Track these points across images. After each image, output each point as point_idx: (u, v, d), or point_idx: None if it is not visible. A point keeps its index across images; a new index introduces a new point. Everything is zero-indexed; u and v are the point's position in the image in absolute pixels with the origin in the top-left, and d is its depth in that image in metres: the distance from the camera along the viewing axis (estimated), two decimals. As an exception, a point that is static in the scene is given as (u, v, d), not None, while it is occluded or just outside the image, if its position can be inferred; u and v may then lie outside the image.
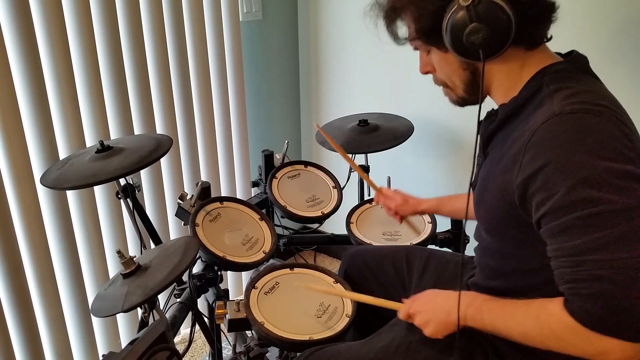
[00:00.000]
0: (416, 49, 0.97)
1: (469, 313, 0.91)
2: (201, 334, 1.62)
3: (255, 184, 1.78)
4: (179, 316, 1.31)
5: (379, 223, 1.58)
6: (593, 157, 0.74)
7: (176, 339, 1.64)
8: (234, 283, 2.22)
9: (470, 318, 0.90)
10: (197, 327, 1.42)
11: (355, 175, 1.87)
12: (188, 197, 1.43)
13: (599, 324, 0.75)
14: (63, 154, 1.52)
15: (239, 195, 2.15)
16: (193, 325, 1.35)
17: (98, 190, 1.64)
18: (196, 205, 1.38)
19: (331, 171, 1.68)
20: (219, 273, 1.39)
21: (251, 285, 1.22)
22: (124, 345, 0.91)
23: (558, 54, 0.92)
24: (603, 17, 1.61)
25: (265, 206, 1.65)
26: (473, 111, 0.92)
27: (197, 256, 1.29)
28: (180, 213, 1.41)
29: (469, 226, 1.03)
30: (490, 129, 0.94)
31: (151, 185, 1.79)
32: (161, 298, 1.59)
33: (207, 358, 1.86)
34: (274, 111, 2.32)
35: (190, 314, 1.37)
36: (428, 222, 1.57)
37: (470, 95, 0.94)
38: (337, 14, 2.18)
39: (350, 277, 1.31)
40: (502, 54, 0.85)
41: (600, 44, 1.63)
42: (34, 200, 1.46)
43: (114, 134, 1.65)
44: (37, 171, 1.45)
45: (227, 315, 1.15)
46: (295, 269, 1.29)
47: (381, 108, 2.02)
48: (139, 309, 1.13)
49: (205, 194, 1.44)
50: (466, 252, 1.08)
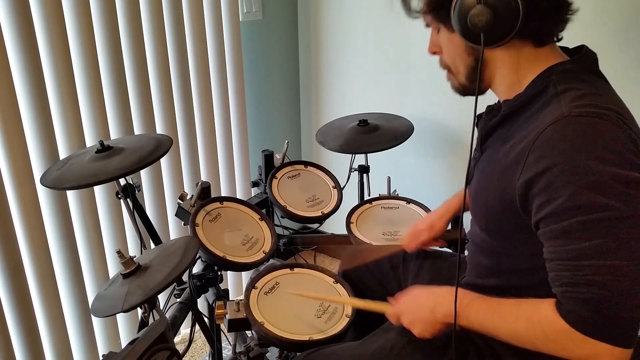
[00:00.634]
0: (428, 25, 0.95)
1: (451, 311, 0.89)
2: (201, 334, 1.62)
3: (255, 184, 1.78)
4: (179, 316, 1.31)
5: (379, 223, 1.58)
6: (600, 162, 0.74)
7: (176, 339, 1.64)
8: (234, 283, 2.22)
9: (458, 317, 0.89)
10: (197, 327, 1.42)
11: (355, 175, 1.87)
12: (188, 197, 1.43)
13: (591, 328, 0.75)
14: (63, 154, 1.52)
15: (239, 195, 2.15)
16: (193, 325, 1.35)
17: (98, 190, 1.64)
18: (196, 205, 1.38)
19: (331, 171, 1.68)
20: (219, 273, 1.39)
21: (251, 285, 1.22)
22: (124, 345, 0.91)
23: (566, 48, 0.91)
24: (608, 15, 1.61)
25: (265, 206, 1.65)
26: (471, 107, 0.90)
27: (197, 256, 1.29)
28: (180, 213, 1.41)
29: (468, 227, 1.03)
30: (491, 124, 0.93)
31: (151, 185, 1.79)
32: (161, 298, 1.59)
33: (207, 358, 1.86)
34: (274, 111, 2.32)
35: (190, 314, 1.37)
36: (428, 222, 1.56)
37: (471, 82, 0.93)
38: (337, 14, 2.18)
39: (349, 277, 1.31)
40: (508, 45, 0.84)
41: (605, 41, 1.63)
42: (34, 200, 1.46)
43: (114, 134, 1.65)
44: (37, 171, 1.45)
45: (227, 315, 1.15)
46: (295, 269, 1.29)
47: (381, 108, 2.02)
48: (139, 309, 1.13)
49: (205, 194, 1.44)
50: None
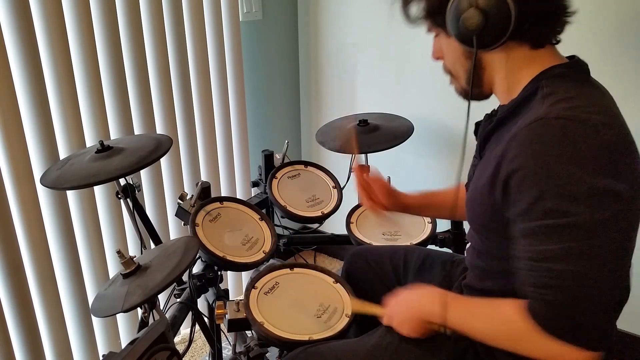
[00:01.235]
0: (429, 31, 0.96)
1: (435, 311, 0.92)
2: (201, 334, 1.62)
3: (255, 184, 1.78)
4: (179, 316, 1.31)
5: (379, 223, 1.58)
6: (570, 167, 0.74)
7: (176, 339, 1.64)
8: (234, 283, 2.22)
9: (438, 316, 0.91)
10: (197, 327, 1.42)
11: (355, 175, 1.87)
12: (188, 197, 1.43)
13: (553, 328, 0.77)
14: (63, 154, 1.52)
15: (239, 195, 2.15)
16: (193, 325, 1.35)
17: (98, 190, 1.64)
18: (196, 205, 1.38)
19: (331, 171, 1.69)
20: (219, 273, 1.39)
21: (251, 285, 1.22)
22: (124, 345, 0.91)
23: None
24: (604, 18, 1.62)
25: (265, 206, 1.65)
26: (474, 110, 0.91)
27: (197, 256, 1.29)
28: (180, 213, 1.41)
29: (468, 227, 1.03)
30: (487, 130, 0.94)
31: (151, 185, 1.79)
32: (161, 298, 1.59)
33: (207, 358, 1.86)
34: (274, 111, 2.32)
35: (190, 314, 1.37)
36: (428, 222, 1.57)
37: (472, 86, 0.93)
38: (337, 14, 2.18)
39: (352, 277, 1.31)
40: (504, 48, 0.84)
41: (602, 44, 1.64)
42: (34, 200, 1.46)
43: (114, 134, 1.65)
44: (37, 171, 1.45)
45: (227, 315, 1.15)
46: (295, 269, 1.29)
47: (381, 108, 2.02)
48: (139, 309, 1.13)
49: (205, 194, 1.44)
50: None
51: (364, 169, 1.28)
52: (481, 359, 0.95)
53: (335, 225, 1.83)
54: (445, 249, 1.54)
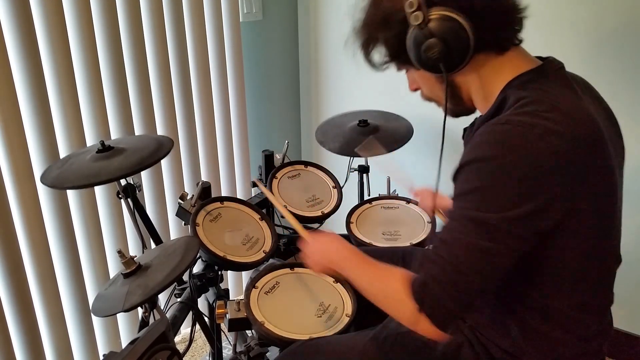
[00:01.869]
0: (399, 70, 0.99)
1: (336, 259, 1.04)
2: (201, 333, 1.62)
3: (255, 184, 1.78)
4: (180, 316, 1.31)
5: (379, 223, 1.58)
6: (500, 172, 0.77)
7: (177, 339, 1.65)
8: (234, 283, 2.22)
9: (336, 264, 1.04)
10: (198, 327, 1.42)
11: (355, 175, 1.87)
12: (188, 197, 1.43)
13: (416, 297, 0.83)
14: (63, 153, 1.52)
15: (239, 195, 2.15)
16: (193, 325, 1.36)
17: (98, 189, 1.64)
18: (197, 205, 1.39)
19: (331, 171, 1.69)
20: (219, 273, 1.39)
21: (251, 284, 1.22)
22: (124, 344, 0.91)
23: (539, 57, 0.92)
24: (602, 18, 1.62)
25: (265, 206, 1.65)
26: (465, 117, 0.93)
27: (198, 256, 1.30)
28: (181, 213, 1.41)
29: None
30: (467, 138, 0.98)
31: (152, 185, 1.79)
32: (162, 298, 1.59)
33: (208, 358, 1.86)
34: (274, 111, 2.33)
35: (190, 313, 1.37)
36: (428, 222, 1.57)
37: (455, 106, 0.97)
38: (337, 14, 2.18)
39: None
40: (472, 63, 0.86)
41: (599, 45, 1.64)
42: (34, 199, 1.46)
43: (114, 133, 1.65)
44: (38, 170, 1.46)
45: (228, 315, 1.15)
46: (295, 268, 1.30)
47: (381, 108, 2.02)
48: (139, 308, 1.14)
49: (205, 194, 1.44)
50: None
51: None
52: (476, 352, 0.96)
53: (335, 225, 1.83)
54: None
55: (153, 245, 1.54)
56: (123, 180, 1.36)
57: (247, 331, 1.22)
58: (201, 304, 1.51)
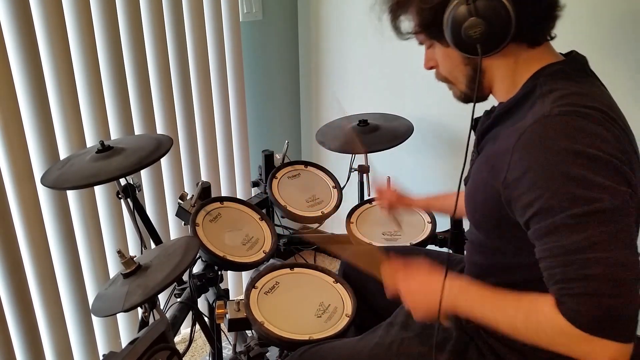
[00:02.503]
0: (421, 43, 0.97)
1: (459, 301, 0.88)
2: (201, 333, 1.62)
3: (255, 184, 1.78)
4: (180, 316, 1.31)
5: (379, 223, 1.58)
6: (580, 159, 0.74)
7: (176, 339, 1.65)
8: (234, 283, 2.22)
9: (460, 307, 0.88)
10: (198, 327, 1.42)
11: (355, 175, 1.87)
12: (188, 197, 1.43)
13: (589, 324, 0.73)
14: (63, 154, 1.52)
15: (239, 195, 2.15)
16: (193, 325, 1.36)
17: (98, 190, 1.64)
18: (196, 205, 1.39)
19: (331, 171, 1.69)
20: (219, 273, 1.39)
21: (251, 285, 1.22)
22: (124, 344, 0.91)
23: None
24: (601, 15, 1.62)
25: (265, 206, 1.65)
26: (470, 108, 0.92)
27: (198, 256, 1.30)
28: (181, 213, 1.41)
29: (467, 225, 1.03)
30: (485, 125, 0.95)
31: (151, 185, 1.79)
32: (161, 298, 1.59)
33: (207, 358, 1.86)
34: (274, 111, 2.33)
35: (190, 313, 1.37)
36: (428, 222, 1.57)
37: (472, 90, 0.94)
38: (337, 14, 2.18)
39: (349, 277, 1.31)
40: (504, 50, 0.85)
41: (599, 41, 1.64)
42: (34, 200, 1.46)
43: (115, 133, 1.65)
44: (38, 171, 1.46)
45: (227, 315, 1.15)
46: (295, 268, 1.29)
47: (381, 108, 2.02)
48: (139, 308, 1.14)
49: (205, 194, 1.44)
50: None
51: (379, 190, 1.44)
52: (483, 354, 0.95)
53: (335, 225, 1.83)
54: (445, 249, 1.55)
55: (153, 245, 1.54)
56: (123, 180, 1.36)
57: (247, 331, 1.22)
58: (201, 304, 1.50)
